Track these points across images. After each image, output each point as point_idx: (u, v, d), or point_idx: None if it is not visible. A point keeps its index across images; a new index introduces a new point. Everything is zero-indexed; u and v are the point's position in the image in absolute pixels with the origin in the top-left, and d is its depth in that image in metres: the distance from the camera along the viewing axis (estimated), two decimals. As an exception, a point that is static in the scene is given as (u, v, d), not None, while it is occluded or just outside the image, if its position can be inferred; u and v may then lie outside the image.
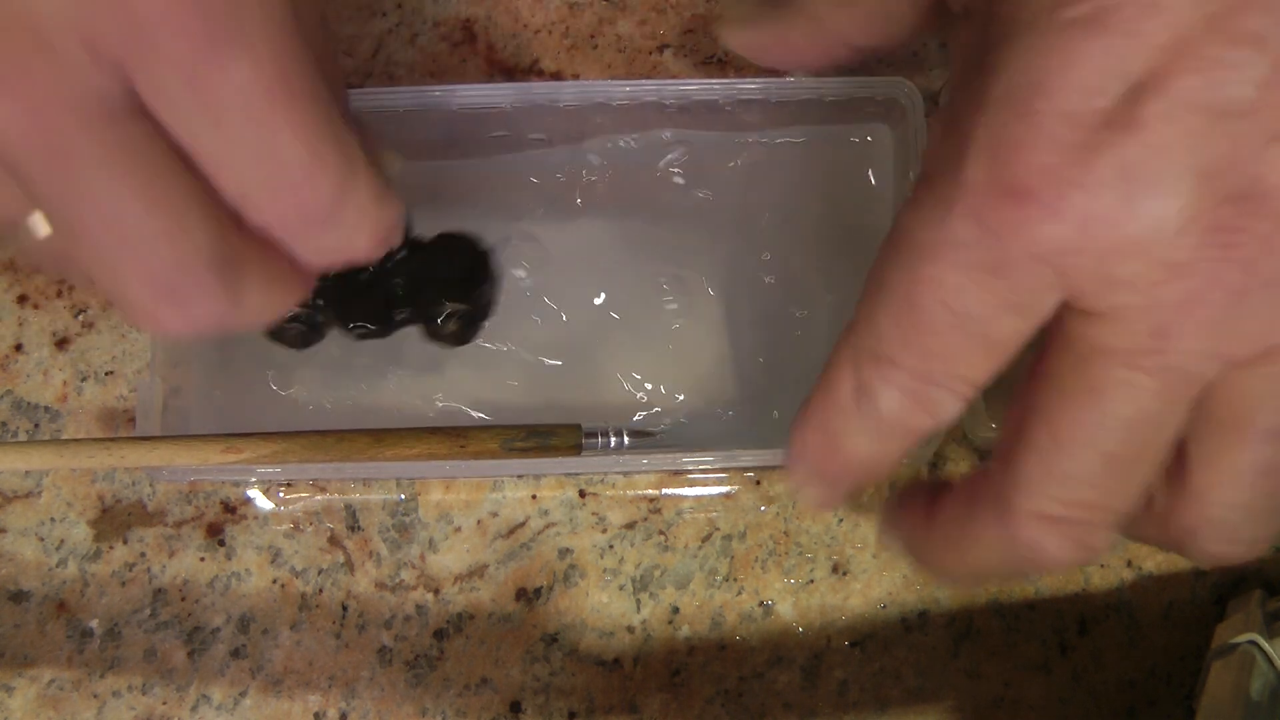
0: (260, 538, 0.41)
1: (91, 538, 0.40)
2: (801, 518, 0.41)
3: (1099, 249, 0.22)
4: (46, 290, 0.42)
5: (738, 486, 0.41)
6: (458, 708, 0.40)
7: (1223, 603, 0.41)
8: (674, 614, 0.40)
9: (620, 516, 0.41)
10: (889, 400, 0.25)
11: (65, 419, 0.41)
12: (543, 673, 0.40)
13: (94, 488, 0.41)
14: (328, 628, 0.40)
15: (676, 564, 0.41)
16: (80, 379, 0.41)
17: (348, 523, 0.41)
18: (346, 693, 0.40)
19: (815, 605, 0.41)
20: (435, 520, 0.41)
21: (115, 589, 0.40)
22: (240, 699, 0.40)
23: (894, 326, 0.24)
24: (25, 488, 0.41)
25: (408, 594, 0.40)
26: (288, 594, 0.40)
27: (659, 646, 0.40)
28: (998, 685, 0.40)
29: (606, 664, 0.40)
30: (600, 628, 0.40)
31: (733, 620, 0.40)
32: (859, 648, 0.40)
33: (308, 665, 0.40)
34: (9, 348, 0.41)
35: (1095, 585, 0.41)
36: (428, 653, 0.40)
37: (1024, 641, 0.41)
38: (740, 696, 0.40)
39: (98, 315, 0.42)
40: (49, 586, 0.40)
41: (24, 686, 0.40)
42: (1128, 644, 0.41)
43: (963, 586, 0.39)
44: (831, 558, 0.41)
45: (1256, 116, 0.21)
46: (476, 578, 0.40)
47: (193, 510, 0.41)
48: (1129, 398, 0.23)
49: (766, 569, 0.41)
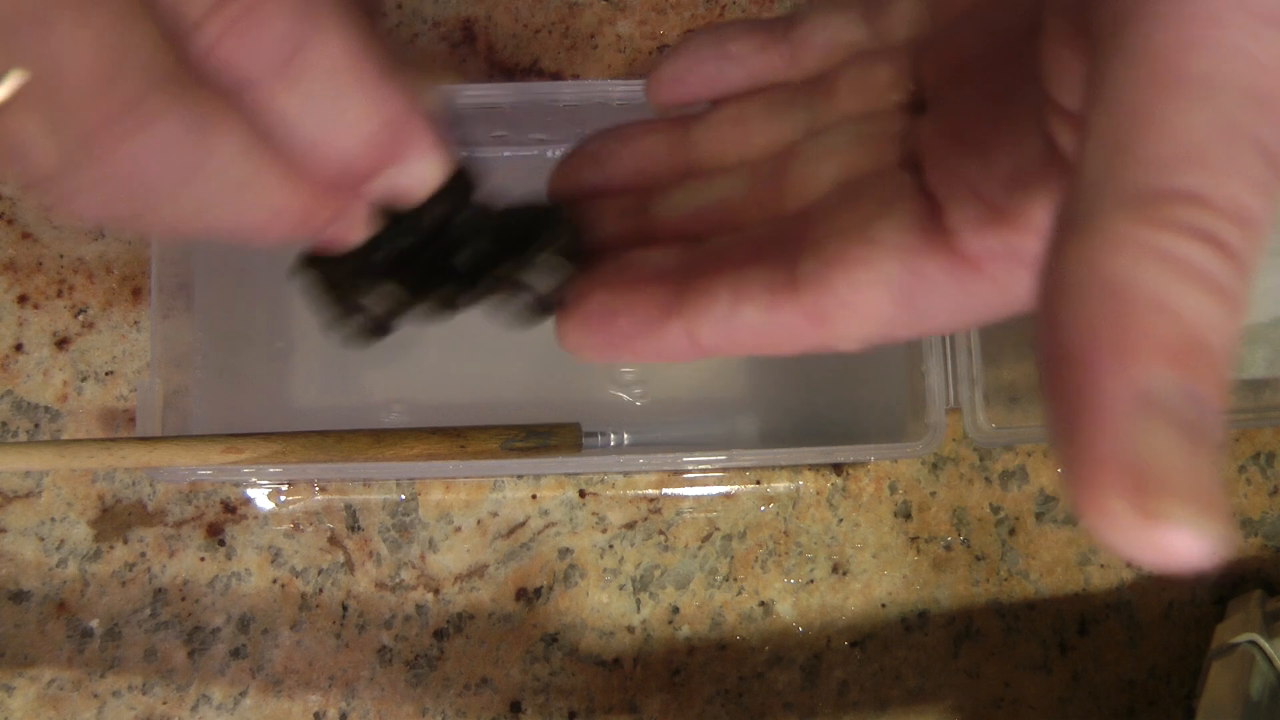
0: (260, 538, 0.41)
1: (91, 538, 0.40)
2: (801, 518, 0.41)
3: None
4: (46, 290, 0.42)
5: (738, 486, 0.41)
6: (458, 708, 0.40)
7: (1223, 603, 0.41)
8: (674, 614, 0.40)
9: (620, 516, 0.41)
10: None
11: (65, 419, 0.41)
12: (543, 673, 0.40)
13: (94, 488, 0.41)
14: (328, 628, 0.40)
15: (676, 564, 0.41)
16: (80, 379, 0.41)
17: (348, 523, 0.41)
18: (346, 693, 0.40)
19: (815, 605, 0.41)
20: (435, 520, 0.41)
21: (115, 589, 0.40)
22: (240, 699, 0.40)
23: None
24: (25, 488, 0.41)
25: (408, 594, 0.40)
26: (288, 594, 0.40)
27: (659, 646, 0.40)
28: (998, 685, 0.40)
29: (606, 664, 0.40)
30: (600, 628, 0.40)
31: (733, 620, 0.40)
32: (859, 648, 0.40)
33: (308, 665, 0.40)
34: (9, 348, 0.41)
35: (1095, 585, 0.41)
36: (428, 653, 0.40)
37: (1024, 641, 0.41)
38: (740, 696, 0.40)
39: (98, 315, 0.42)
40: (49, 586, 0.40)
41: (24, 686, 0.40)
42: (1128, 644, 0.41)
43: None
44: (831, 558, 0.41)
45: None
46: (476, 578, 0.40)
47: (193, 510, 0.41)
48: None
49: (766, 569, 0.41)
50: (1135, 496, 0.15)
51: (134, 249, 0.42)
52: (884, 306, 0.22)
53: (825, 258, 0.22)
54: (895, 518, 0.41)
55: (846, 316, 0.22)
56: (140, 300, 0.42)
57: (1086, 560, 0.41)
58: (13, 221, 0.42)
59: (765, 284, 0.22)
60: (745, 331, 0.22)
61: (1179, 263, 0.16)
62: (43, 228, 0.42)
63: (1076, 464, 0.15)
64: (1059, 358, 0.16)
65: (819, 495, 0.41)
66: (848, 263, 0.22)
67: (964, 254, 0.21)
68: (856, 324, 0.22)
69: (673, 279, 0.23)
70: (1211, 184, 0.16)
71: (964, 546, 0.41)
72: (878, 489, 0.41)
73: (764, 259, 0.23)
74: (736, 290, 0.22)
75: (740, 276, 0.23)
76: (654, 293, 0.23)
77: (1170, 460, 0.15)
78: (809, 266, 0.22)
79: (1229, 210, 0.16)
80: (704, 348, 0.23)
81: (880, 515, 0.41)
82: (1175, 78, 0.16)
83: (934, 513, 0.41)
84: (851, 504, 0.41)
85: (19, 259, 0.42)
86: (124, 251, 0.42)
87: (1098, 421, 0.15)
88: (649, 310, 0.23)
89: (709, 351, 0.23)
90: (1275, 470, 0.42)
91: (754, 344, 0.23)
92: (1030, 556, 0.41)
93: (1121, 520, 0.15)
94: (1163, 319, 0.15)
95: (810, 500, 0.41)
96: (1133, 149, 0.16)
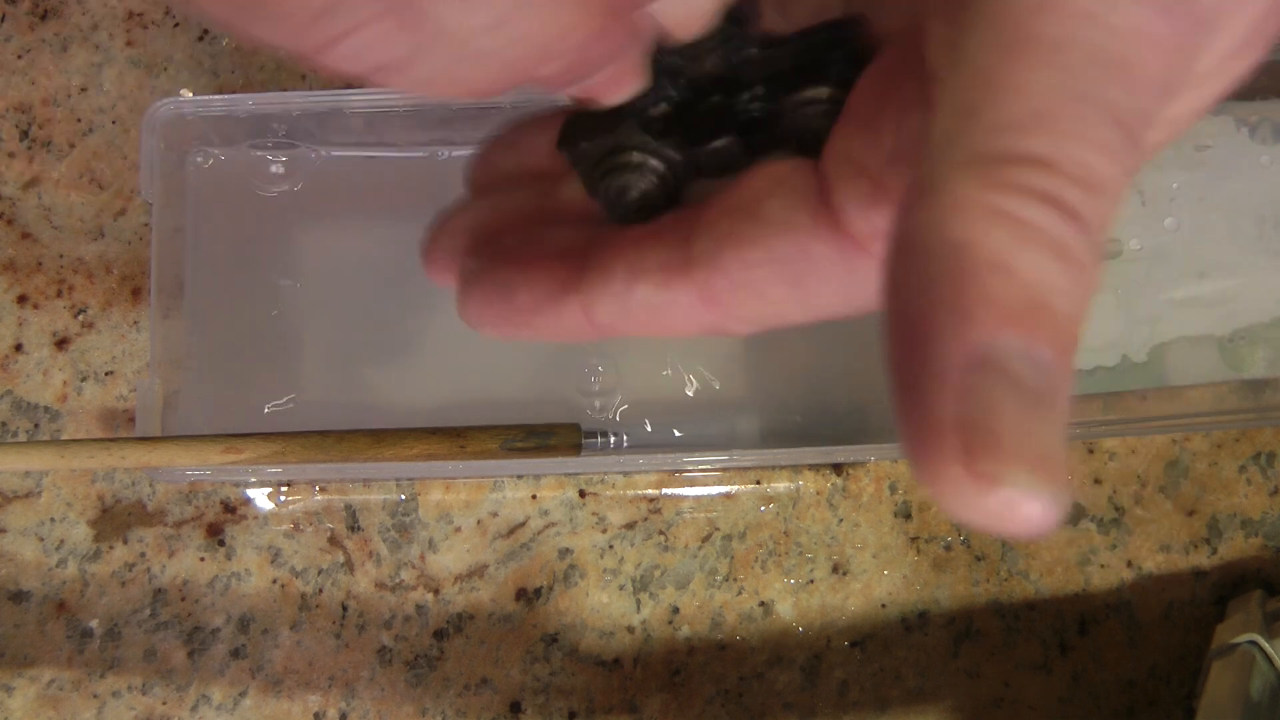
0: (260, 538, 0.40)
1: (91, 538, 0.40)
2: (802, 518, 0.41)
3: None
4: (46, 290, 0.42)
5: (738, 486, 0.41)
6: (458, 708, 0.40)
7: (1223, 603, 0.41)
8: (674, 614, 0.40)
9: (620, 516, 0.41)
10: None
11: (65, 419, 0.41)
12: (543, 673, 0.40)
13: (94, 488, 0.41)
14: (328, 628, 0.40)
15: (676, 564, 0.41)
16: (80, 379, 0.41)
17: (348, 523, 0.41)
18: (346, 693, 0.40)
19: (815, 605, 0.41)
20: (435, 520, 0.41)
21: (115, 589, 0.40)
22: (240, 699, 0.40)
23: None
24: (25, 488, 0.41)
25: (408, 594, 0.40)
26: (288, 594, 0.40)
27: (659, 646, 0.40)
28: (998, 685, 0.40)
29: (606, 664, 0.40)
30: (600, 628, 0.40)
31: (733, 620, 0.40)
32: (859, 648, 0.40)
33: (308, 665, 0.40)
34: (9, 348, 0.41)
35: (1095, 585, 0.41)
36: (428, 653, 0.40)
37: (1024, 641, 0.41)
38: (740, 696, 0.40)
39: (97, 315, 0.42)
40: (49, 586, 0.40)
41: (24, 686, 0.40)
42: (1128, 644, 0.41)
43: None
44: (831, 558, 0.41)
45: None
46: (476, 578, 0.40)
47: (193, 510, 0.41)
48: None
49: (766, 569, 0.41)
50: (967, 459, 0.14)
51: (134, 249, 0.42)
52: (774, 287, 0.21)
53: (717, 236, 0.22)
54: (895, 518, 0.41)
55: (738, 297, 0.21)
56: (140, 300, 0.42)
57: (1086, 560, 0.41)
58: (13, 221, 0.42)
59: (661, 262, 0.22)
60: (640, 310, 0.22)
61: (1020, 225, 0.15)
62: (43, 228, 0.42)
63: (914, 428, 0.15)
64: (900, 322, 0.16)
65: (819, 495, 0.41)
66: (739, 241, 0.21)
67: (851, 233, 0.21)
68: (747, 304, 0.22)
69: (574, 256, 0.23)
70: (1056, 148, 0.16)
71: (964, 546, 0.41)
72: (878, 489, 0.41)
73: (663, 238, 0.22)
74: (633, 268, 0.22)
75: (638, 254, 0.22)
76: (554, 269, 0.23)
77: (1005, 423, 0.15)
78: (702, 245, 0.22)
79: (1075, 174, 0.16)
80: (600, 326, 0.23)
81: (880, 515, 0.41)
82: (1025, 41, 0.16)
83: (934, 513, 0.41)
84: (851, 504, 0.41)
85: (19, 259, 0.42)
86: (124, 251, 0.42)
87: (934, 385, 0.15)
88: (548, 286, 0.23)
89: (605, 330, 0.23)
90: (1275, 470, 0.42)
91: (649, 324, 0.22)
92: (1030, 556, 0.41)
93: (956, 484, 0.15)
94: (1002, 280, 0.15)
95: (810, 500, 0.41)
96: (980, 112, 0.16)
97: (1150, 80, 0.16)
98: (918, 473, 0.15)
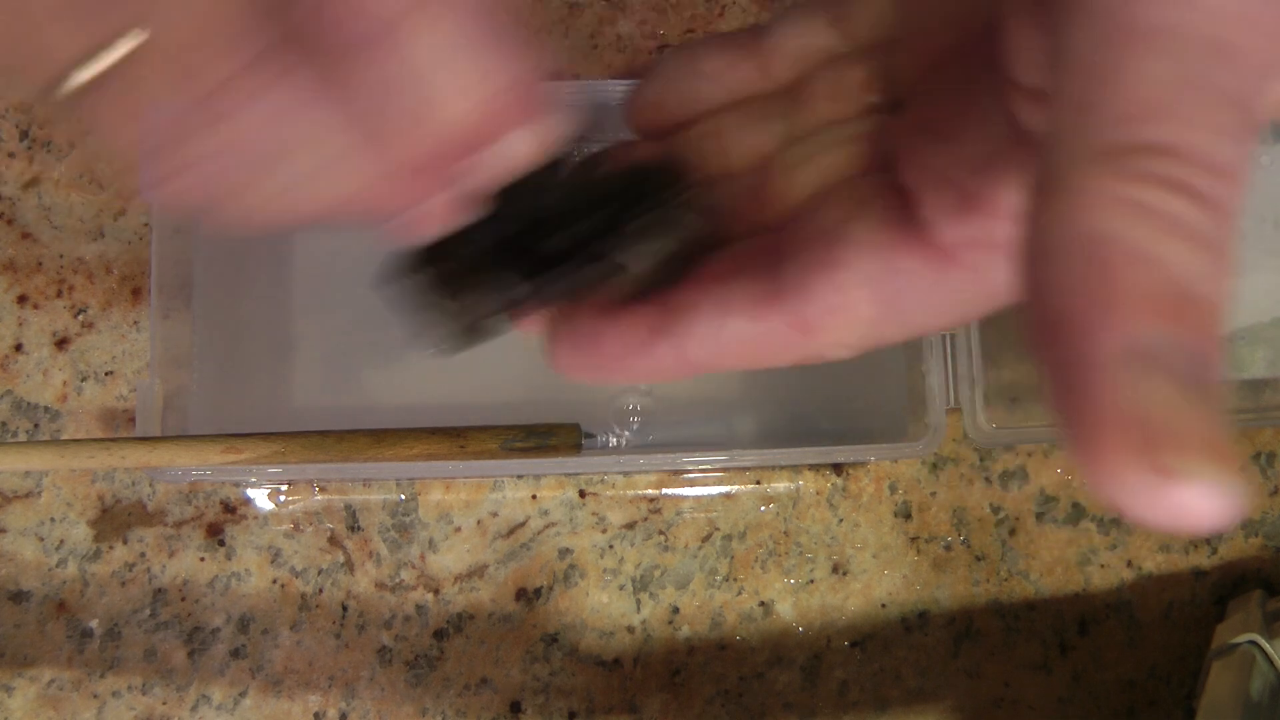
0: (260, 538, 0.41)
1: (91, 538, 0.40)
2: (801, 518, 0.41)
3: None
4: (46, 290, 0.42)
5: (738, 486, 0.41)
6: (458, 708, 0.40)
7: (1223, 603, 0.41)
8: (674, 614, 0.40)
9: (620, 516, 0.41)
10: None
11: (65, 419, 0.41)
12: (543, 673, 0.40)
13: (94, 488, 0.41)
14: (328, 628, 0.40)
15: (676, 564, 0.41)
16: (80, 379, 0.41)
17: (348, 523, 0.41)
18: (346, 693, 0.40)
19: (815, 605, 0.41)
20: (435, 520, 0.41)
21: (115, 589, 0.40)
22: (240, 699, 0.40)
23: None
24: (25, 488, 0.41)
25: (408, 594, 0.40)
26: (288, 594, 0.40)
27: (659, 646, 0.40)
28: (998, 685, 0.40)
29: (606, 664, 0.40)
30: (600, 628, 0.40)
31: (733, 620, 0.40)
32: (859, 648, 0.40)
33: (308, 665, 0.40)
34: (9, 348, 0.41)
35: (1095, 585, 0.41)
36: (428, 653, 0.40)
37: (1024, 641, 0.41)
38: (740, 696, 0.40)
39: (97, 315, 0.42)
40: (49, 586, 0.40)
41: (24, 686, 0.40)
42: (1128, 644, 0.41)
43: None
44: (831, 558, 0.41)
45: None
46: (476, 578, 0.40)
47: (193, 510, 0.41)
48: None
49: (766, 569, 0.41)
50: (1144, 452, 0.14)
51: (134, 249, 0.42)
52: (867, 307, 0.21)
53: (804, 262, 0.22)
54: (895, 518, 0.41)
55: (832, 321, 0.21)
56: (140, 300, 0.42)
57: (1086, 560, 0.41)
58: (13, 221, 0.42)
59: (750, 295, 0.22)
60: (734, 345, 0.22)
61: (1155, 214, 0.15)
62: (43, 228, 0.42)
63: (1080, 428, 0.15)
64: (1047, 321, 0.15)
65: (819, 495, 0.41)
66: (827, 265, 0.21)
67: (940, 245, 0.21)
68: (843, 328, 0.22)
69: (653, 298, 0.23)
70: (1179, 134, 0.15)
71: (964, 546, 0.41)
72: (878, 489, 0.41)
73: (747, 271, 0.22)
74: (722, 304, 0.22)
75: (725, 290, 0.22)
76: (641, 312, 0.23)
77: (1174, 413, 0.14)
78: (790, 273, 0.22)
79: (1200, 159, 0.15)
80: (695, 364, 0.23)
81: (880, 515, 0.41)
82: (1133, 32, 0.16)
83: (934, 513, 0.41)
84: (851, 504, 0.41)
85: (19, 259, 0.42)
86: (124, 251, 0.42)
87: (1094, 381, 0.15)
88: (636, 330, 0.23)
89: (700, 368, 0.23)
90: (1275, 470, 0.42)
91: (744, 357, 0.22)
92: (1030, 556, 0.41)
93: (1133, 480, 0.14)
94: (1145, 270, 0.15)
95: (810, 500, 0.41)
96: (1097, 106, 0.16)
97: (1255, 63, 0.16)
98: (1088, 473, 0.15)
